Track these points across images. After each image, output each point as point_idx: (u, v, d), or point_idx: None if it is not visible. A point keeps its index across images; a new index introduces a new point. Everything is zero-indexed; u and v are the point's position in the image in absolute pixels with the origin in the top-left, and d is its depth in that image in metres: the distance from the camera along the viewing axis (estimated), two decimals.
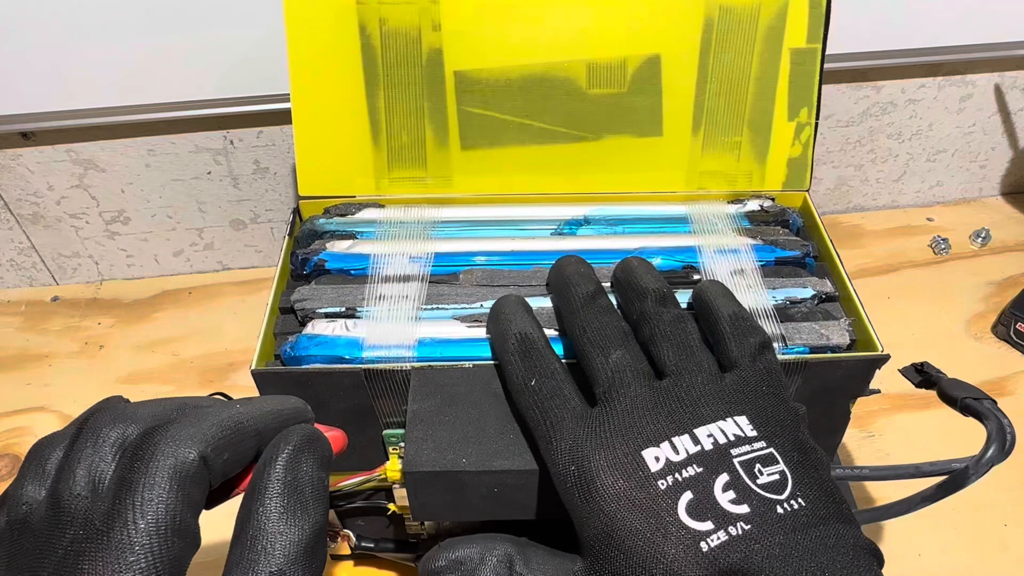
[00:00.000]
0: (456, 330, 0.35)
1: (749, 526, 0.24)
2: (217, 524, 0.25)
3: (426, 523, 0.41)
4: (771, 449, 0.26)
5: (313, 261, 0.39)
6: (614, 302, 0.34)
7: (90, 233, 0.62)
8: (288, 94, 0.41)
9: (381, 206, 0.43)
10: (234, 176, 0.59)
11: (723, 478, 0.25)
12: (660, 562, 0.24)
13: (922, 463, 0.32)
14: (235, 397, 0.40)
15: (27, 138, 0.55)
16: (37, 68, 0.51)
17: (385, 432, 0.36)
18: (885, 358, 0.34)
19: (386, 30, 0.40)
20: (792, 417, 0.28)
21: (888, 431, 0.52)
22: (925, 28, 0.58)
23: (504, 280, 0.38)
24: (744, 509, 0.25)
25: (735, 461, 0.26)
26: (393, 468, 0.34)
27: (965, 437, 0.35)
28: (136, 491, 0.21)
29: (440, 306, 0.37)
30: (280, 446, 0.23)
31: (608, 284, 0.35)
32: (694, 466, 0.26)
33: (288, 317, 0.37)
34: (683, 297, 0.35)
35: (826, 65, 0.42)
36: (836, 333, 0.35)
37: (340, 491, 0.37)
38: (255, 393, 0.33)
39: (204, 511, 0.23)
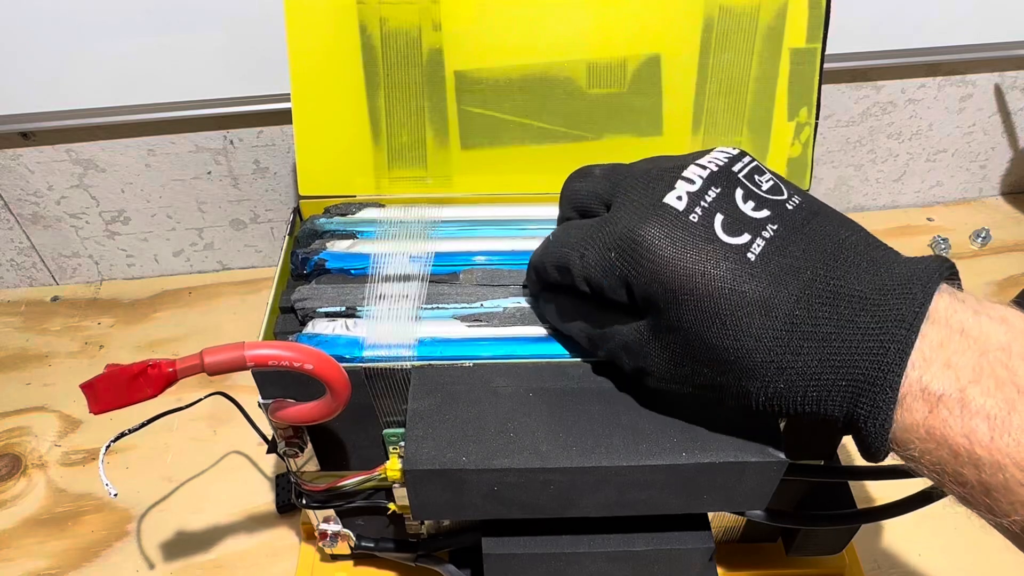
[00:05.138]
0: (456, 329, 0.35)
1: (775, 226, 0.27)
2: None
3: (426, 522, 0.41)
4: (755, 162, 0.30)
5: (313, 261, 0.39)
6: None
7: (90, 233, 0.62)
8: (288, 94, 0.41)
9: (381, 206, 0.43)
10: (234, 176, 0.60)
11: (739, 191, 0.28)
12: (717, 281, 0.26)
13: None
14: (235, 397, 0.40)
15: (27, 138, 0.55)
16: (37, 68, 0.51)
17: (385, 432, 0.36)
18: None
19: (386, 30, 0.40)
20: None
21: None
22: (925, 28, 0.58)
23: (504, 280, 0.38)
24: (765, 213, 0.27)
25: (739, 175, 0.29)
26: (393, 467, 0.34)
27: None
28: None
29: (440, 305, 0.37)
30: None
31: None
32: (712, 188, 0.28)
33: (288, 316, 0.37)
34: None
35: (826, 65, 0.42)
36: None
37: (340, 491, 0.37)
38: (256, 394, 0.33)
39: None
